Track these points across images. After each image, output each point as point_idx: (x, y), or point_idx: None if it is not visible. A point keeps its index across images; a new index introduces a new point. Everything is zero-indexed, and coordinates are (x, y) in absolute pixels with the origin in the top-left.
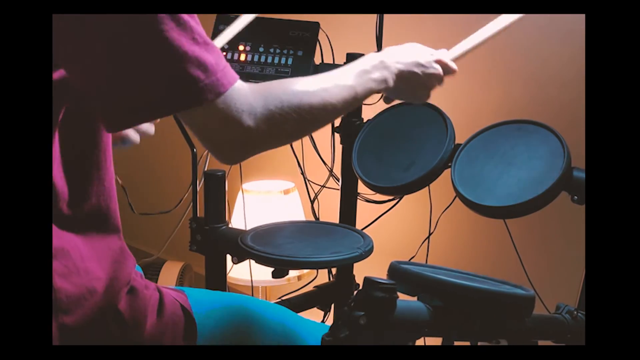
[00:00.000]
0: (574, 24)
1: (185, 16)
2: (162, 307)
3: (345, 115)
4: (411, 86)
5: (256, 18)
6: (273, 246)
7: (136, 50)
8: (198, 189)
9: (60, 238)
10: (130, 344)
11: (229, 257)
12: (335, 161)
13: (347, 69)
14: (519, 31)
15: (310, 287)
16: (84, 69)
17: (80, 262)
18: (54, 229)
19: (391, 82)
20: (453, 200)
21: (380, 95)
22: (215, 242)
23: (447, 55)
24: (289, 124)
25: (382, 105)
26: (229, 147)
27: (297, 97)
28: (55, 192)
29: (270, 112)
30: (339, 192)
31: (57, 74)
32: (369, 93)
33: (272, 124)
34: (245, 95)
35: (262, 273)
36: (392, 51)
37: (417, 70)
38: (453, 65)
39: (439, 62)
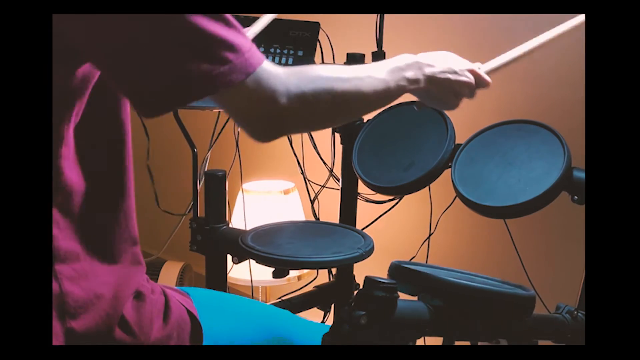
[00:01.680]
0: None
1: None
2: (168, 312)
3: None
4: (442, 91)
5: (256, 18)
6: (273, 246)
7: (166, 34)
8: (198, 189)
9: (72, 240)
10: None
11: (229, 257)
12: (335, 161)
13: (381, 64)
14: (519, 31)
15: (310, 287)
16: (117, 57)
17: (89, 265)
18: (66, 231)
19: (423, 84)
20: (453, 200)
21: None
22: (216, 242)
23: (482, 68)
24: (321, 107)
25: None
26: (263, 124)
27: (330, 81)
28: (72, 193)
29: (303, 93)
30: (339, 192)
31: (82, 69)
32: (401, 91)
33: (304, 104)
34: (277, 75)
35: (262, 273)
36: (426, 55)
37: (450, 76)
38: (487, 77)
39: (472, 72)
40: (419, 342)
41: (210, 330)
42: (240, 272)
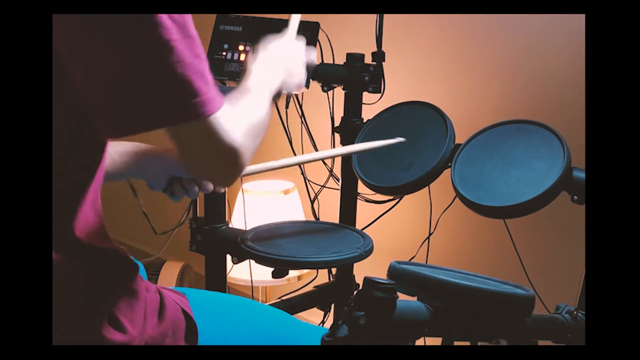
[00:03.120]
0: (574, 24)
1: (193, 29)
2: (163, 310)
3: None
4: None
5: (256, 18)
6: (273, 246)
7: (144, 56)
8: None
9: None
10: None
11: (228, 257)
12: (335, 161)
13: (255, 82)
14: (519, 31)
15: (310, 287)
16: (91, 71)
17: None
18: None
19: (282, 74)
20: (453, 200)
21: (380, 96)
22: (215, 242)
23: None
24: (258, 140)
25: (381, 105)
26: (223, 168)
27: (256, 114)
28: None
29: (247, 130)
30: (339, 192)
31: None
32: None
33: (250, 140)
34: (230, 116)
35: (262, 273)
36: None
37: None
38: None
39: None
40: (419, 342)
41: (206, 330)
42: (240, 272)
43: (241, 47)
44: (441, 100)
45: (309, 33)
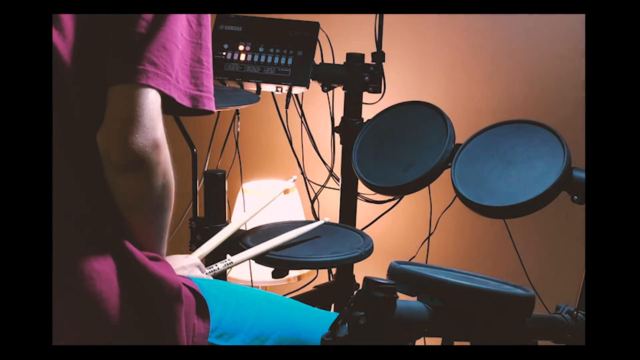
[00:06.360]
0: (575, 25)
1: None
2: None
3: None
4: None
5: (256, 18)
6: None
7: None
8: (198, 188)
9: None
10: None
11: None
12: (335, 161)
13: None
14: (520, 31)
15: (310, 287)
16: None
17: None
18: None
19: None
20: (453, 200)
21: (380, 96)
22: None
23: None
24: (155, 192)
25: (381, 106)
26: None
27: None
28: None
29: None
30: (339, 192)
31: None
32: None
33: (150, 175)
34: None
35: (262, 273)
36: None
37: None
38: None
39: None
40: (419, 342)
41: (222, 319)
42: (240, 272)
43: (241, 47)
44: (441, 100)
45: (309, 33)
